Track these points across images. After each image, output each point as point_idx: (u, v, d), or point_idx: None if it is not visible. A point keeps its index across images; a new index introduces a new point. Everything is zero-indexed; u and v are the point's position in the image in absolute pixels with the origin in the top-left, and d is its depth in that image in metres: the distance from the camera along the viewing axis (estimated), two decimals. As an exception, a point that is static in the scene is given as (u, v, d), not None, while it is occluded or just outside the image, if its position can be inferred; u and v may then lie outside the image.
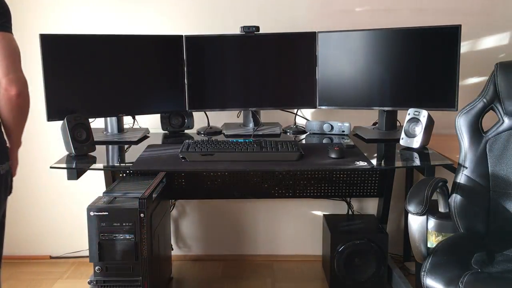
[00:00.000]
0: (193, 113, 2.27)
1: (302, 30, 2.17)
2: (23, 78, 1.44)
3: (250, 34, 2.14)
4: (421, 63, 2.04)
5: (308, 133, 2.23)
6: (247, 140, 1.85)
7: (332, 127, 2.18)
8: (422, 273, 1.39)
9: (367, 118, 2.30)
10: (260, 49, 2.17)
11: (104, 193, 1.97)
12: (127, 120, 2.27)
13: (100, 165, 1.90)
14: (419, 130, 1.84)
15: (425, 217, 1.47)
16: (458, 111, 1.68)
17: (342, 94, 2.16)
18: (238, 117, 2.34)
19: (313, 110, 2.41)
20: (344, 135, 2.16)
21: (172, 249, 2.43)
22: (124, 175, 2.26)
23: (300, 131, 2.25)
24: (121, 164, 1.98)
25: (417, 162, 1.80)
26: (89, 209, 1.84)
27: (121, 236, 1.84)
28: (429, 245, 1.54)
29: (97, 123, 2.12)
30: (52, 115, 1.95)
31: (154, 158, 1.81)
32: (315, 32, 2.14)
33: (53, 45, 1.95)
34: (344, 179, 2.39)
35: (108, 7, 2.36)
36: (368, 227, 2.28)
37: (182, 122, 2.26)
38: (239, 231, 2.59)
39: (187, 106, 2.20)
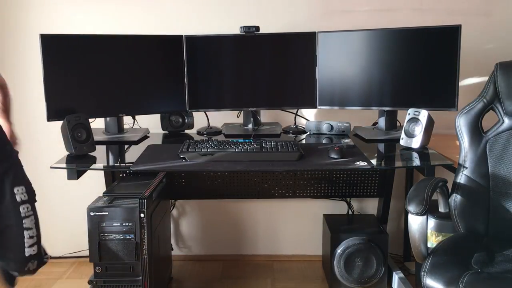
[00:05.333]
0: (193, 113, 2.27)
1: (302, 30, 2.17)
2: None
3: (250, 34, 2.14)
4: (421, 63, 2.04)
5: (308, 133, 2.23)
6: (247, 140, 1.85)
7: (332, 127, 2.18)
8: (422, 273, 1.39)
9: (367, 118, 2.30)
10: (260, 49, 2.17)
11: (104, 193, 1.97)
12: (127, 120, 2.27)
13: (100, 165, 1.90)
14: (419, 130, 1.84)
15: (425, 217, 1.47)
16: (458, 111, 1.68)
17: (342, 94, 2.16)
18: (238, 117, 2.34)
19: (313, 110, 2.41)
20: (344, 135, 2.16)
21: (172, 249, 2.42)
22: (124, 175, 2.26)
23: (300, 131, 2.25)
24: (121, 164, 1.98)
25: (417, 162, 1.80)
26: (89, 209, 1.84)
27: (121, 236, 1.84)
28: (429, 245, 1.54)
29: (97, 123, 2.12)
30: (52, 115, 1.95)
31: (154, 158, 1.81)
32: (315, 32, 2.14)
33: (53, 45, 1.95)
34: (344, 179, 2.39)
35: (108, 7, 2.36)
36: (368, 227, 2.28)
37: (182, 122, 2.26)
38: (239, 231, 2.59)
39: (187, 106, 2.20)
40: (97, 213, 1.83)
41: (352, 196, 2.44)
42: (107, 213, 1.83)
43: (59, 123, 1.87)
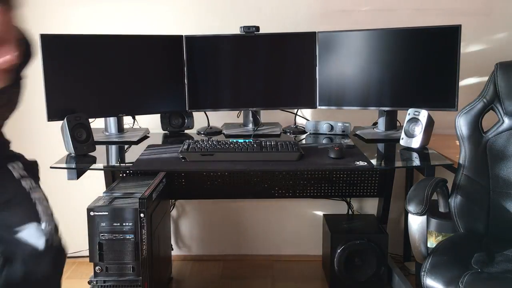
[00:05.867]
0: (193, 113, 2.27)
1: (302, 30, 2.17)
2: None
3: (250, 34, 2.14)
4: (421, 63, 2.04)
5: (308, 133, 2.23)
6: (247, 140, 1.85)
7: (332, 127, 2.18)
8: (422, 273, 1.39)
9: (367, 118, 2.30)
10: (260, 49, 2.17)
11: (104, 193, 1.97)
12: (127, 120, 2.27)
13: (100, 165, 1.90)
14: (419, 130, 1.84)
15: (425, 217, 1.47)
16: (458, 111, 1.68)
17: (342, 94, 2.16)
18: (238, 117, 2.34)
19: (313, 110, 2.41)
20: (344, 135, 2.16)
21: (172, 249, 2.42)
22: (124, 175, 2.26)
23: (300, 131, 2.25)
24: (121, 164, 1.98)
25: (417, 162, 1.80)
26: (89, 209, 1.84)
27: (121, 236, 1.84)
28: (429, 245, 1.54)
29: (97, 123, 2.12)
30: (52, 115, 1.95)
31: (154, 158, 1.81)
32: (315, 32, 2.14)
33: (53, 45, 1.95)
34: (344, 179, 2.39)
35: (108, 7, 2.36)
36: (368, 227, 2.28)
37: (182, 122, 2.26)
38: (239, 231, 2.59)
39: (187, 106, 2.20)
40: (97, 213, 1.83)
41: (352, 196, 2.44)
42: (107, 213, 1.84)
43: (59, 123, 1.87)
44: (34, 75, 2.35)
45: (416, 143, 1.85)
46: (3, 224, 1.31)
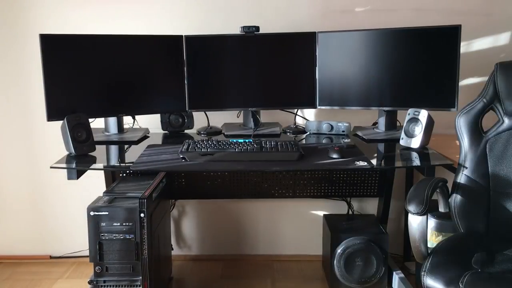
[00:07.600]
0: (193, 113, 2.27)
1: (302, 30, 2.17)
2: None
3: (250, 34, 2.14)
4: (421, 63, 2.04)
5: (308, 133, 2.23)
6: (247, 140, 1.85)
7: (332, 127, 2.18)
8: (422, 273, 1.39)
9: (367, 118, 2.30)
10: (260, 49, 2.17)
11: (104, 193, 1.97)
12: (127, 120, 2.27)
13: (100, 165, 1.90)
14: (419, 130, 1.84)
15: (425, 217, 1.47)
16: (458, 111, 1.68)
17: (342, 94, 2.16)
18: (238, 117, 2.34)
19: (313, 110, 2.41)
20: (344, 135, 2.16)
21: (172, 249, 2.42)
22: (124, 175, 2.26)
23: (300, 131, 2.25)
24: (121, 164, 1.98)
25: (417, 162, 1.80)
26: (89, 209, 1.84)
27: (121, 236, 1.84)
28: (429, 245, 1.54)
29: (97, 123, 2.12)
30: (52, 115, 1.95)
31: (154, 158, 1.81)
32: (315, 32, 2.14)
33: (53, 45, 1.95)
34: (344, 179, 2.39)
35: (108, 7, 2.36)
36: (368, 227, 2.28)
37: (182, 122, 2.27)
38: (239, 231, 2.59)
39: (187, 106, 2.20)
40: (97, 213, 1.83)
41: (352, 196, 2.44)
42: (107, 213, 1.84)
43: (59, 123, 1.87)
44: (34, 75, 2.36)
45: (416, 143, 1.85)
46: None
